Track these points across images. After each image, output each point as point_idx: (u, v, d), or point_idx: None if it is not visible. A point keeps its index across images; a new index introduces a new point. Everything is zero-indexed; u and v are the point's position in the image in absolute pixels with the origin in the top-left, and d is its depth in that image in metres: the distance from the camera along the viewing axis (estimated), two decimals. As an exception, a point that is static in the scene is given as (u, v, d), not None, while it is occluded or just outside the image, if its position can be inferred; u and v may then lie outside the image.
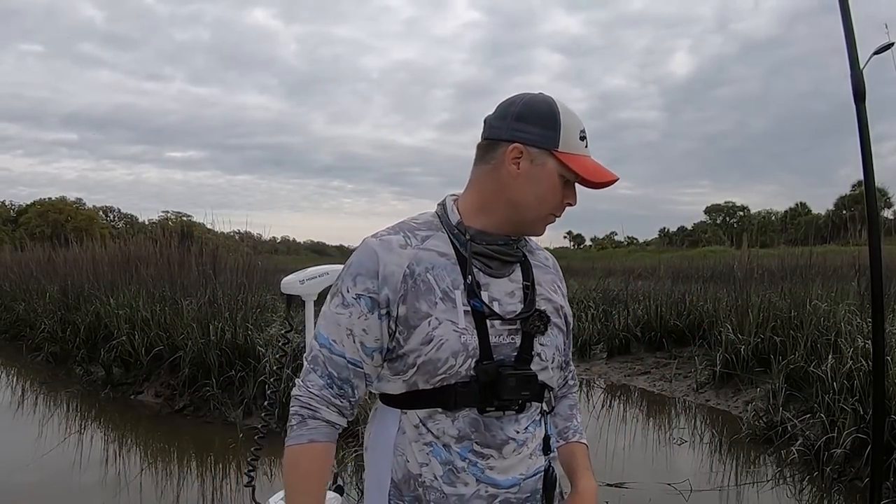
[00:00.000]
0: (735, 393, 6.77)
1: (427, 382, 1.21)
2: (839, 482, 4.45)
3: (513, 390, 1.22)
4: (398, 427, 1.27)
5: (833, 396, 4.93)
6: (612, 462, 5.09)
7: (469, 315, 1.21)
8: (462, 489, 1.22)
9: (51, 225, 38.76)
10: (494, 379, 1.21)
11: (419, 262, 1.23)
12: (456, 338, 1.20)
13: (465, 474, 1.23)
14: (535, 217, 1.27)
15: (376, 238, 1.26)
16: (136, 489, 4.54)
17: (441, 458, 1.23)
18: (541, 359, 1.28)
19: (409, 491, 1.25)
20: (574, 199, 1.28)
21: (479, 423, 1.23)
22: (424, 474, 1.23)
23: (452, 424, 1.23)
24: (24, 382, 8.34)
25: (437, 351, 1.19)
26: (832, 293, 6.89)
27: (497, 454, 1.24)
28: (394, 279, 1.21)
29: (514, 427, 1.26)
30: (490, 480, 1.24)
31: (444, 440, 1.23)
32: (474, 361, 1.21)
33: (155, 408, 6.61)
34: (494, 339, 1.23)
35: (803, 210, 47.08)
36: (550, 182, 1.24)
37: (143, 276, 8.61)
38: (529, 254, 1.36)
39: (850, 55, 1.93)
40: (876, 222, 2.00)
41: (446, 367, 1.20)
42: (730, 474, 4.96)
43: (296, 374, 1.32)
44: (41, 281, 10.88)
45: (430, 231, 1.29)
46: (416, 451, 1.24)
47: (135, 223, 31.35)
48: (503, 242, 1.28)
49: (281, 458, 1.28)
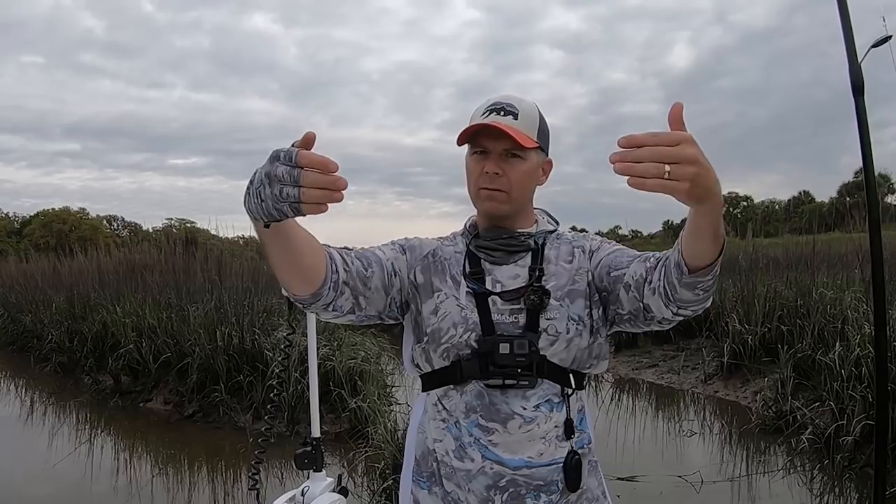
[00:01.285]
0: (743, 383, 6.75)
1: (437, 354, 1.34)
2: (850, 470, 4.44)
3: (506, 356, 1.29)
4: (424, 409, 1.42)
5: (842, 384, 4.92)
6: (623, 456, 5.08)
7: (470, 295, 1.35)
8: (469, 464, 1.30)
9: (55, 235, 38.82)
10: (492, 348, 1.30)
11: (441, 251, 1.44)
12: (458, 311, 1.34)
13: (471, 449, 1.30)
14: (472, 195, 1.41)
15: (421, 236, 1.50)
16: (148, 496, 4.55)
17: (453, 433, 1.33)
18: (548, 333, 1.31)
19: (427, 466, 1.38)
20: (490, 166, 1.35)
21: (484, 396, 1.31)
22: (438, 450, 1.35)
23: (461, 398, 1.33)
24: (32, 394, 8.35)
25: (442, 321, 1.34)
26: (838, 281, 6.87)
27: (502, 428, 1.29)
28: (419, 252, 1.43)
29: (521, 403, 1.30)
30: (495, 457, 1.28)
31: (456, 415, 1.33)
32: (475, 335, 1.32)
33: (164, 415, 6.62)
34: (496, 317, 1.33)
35: (807, 198, 46.91)
36: (467, 163, 1.41)
37: (149, 284, 8.62)
38: (553, 241, 1.44)
39: (848, 49, 1.93)
40: (876, 215, 1.99)
41: (448, 335, 1.33)
42: (740, 465, 4.95)
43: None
44: (47, 291, 10.90)
45: (456, 239, 1.49)
46: (433, 428, 1.37)
47: (139, 231, 31.38)
48: (507, 235, 1.41)
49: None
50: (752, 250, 8.52)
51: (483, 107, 1.37)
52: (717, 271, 1.10)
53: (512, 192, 1.36)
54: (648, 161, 0.88)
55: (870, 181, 1.93)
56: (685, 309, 1.18)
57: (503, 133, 1.32)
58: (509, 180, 1.35)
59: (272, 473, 4.68)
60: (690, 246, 1.07)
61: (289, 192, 0.93)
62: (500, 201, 1.37)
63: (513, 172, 1.35)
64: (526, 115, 1.36)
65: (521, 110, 1.36)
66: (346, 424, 5.58)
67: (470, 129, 1.35)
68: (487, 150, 1.36)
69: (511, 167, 1.35)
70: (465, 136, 1.36)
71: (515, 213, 1.41)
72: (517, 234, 1.41)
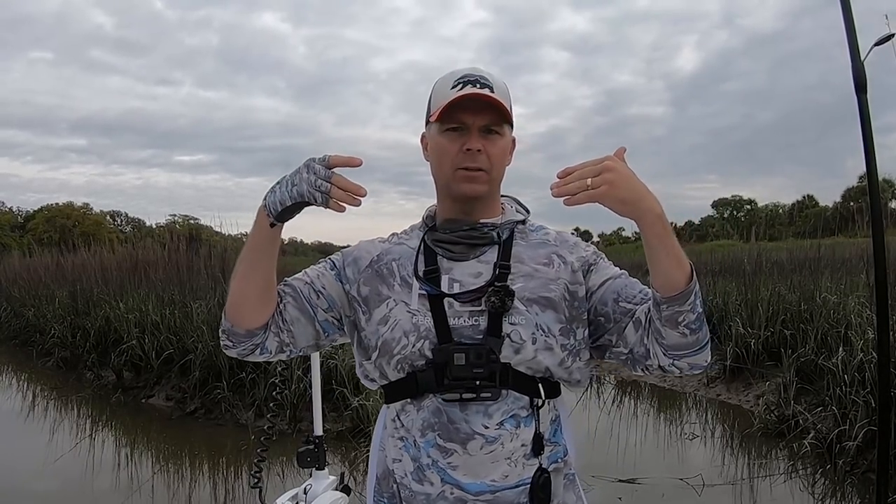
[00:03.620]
0: (746, 387, 6.74)
1: (391, 367, 1.22)
2: (852, 475, 4.43)
3: (463, 368, 1.15)
4: (384, 423, 1.29)
5: (844, 389, 4.90)
6: (625, 458, 5.07)
7: (424, 298, 1.22)
8: (428, 488, 1.18)
9: (58, 230, 38.86)
10: (448, 359, 1.17)
11: (388, 253, 1.31)
12: (408, 318, 1.21)
13: (430, 472, 1.18)
14: (445, 178, 1.27)
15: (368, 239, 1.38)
16: (149, 492, 4.56)
17: (411, 453, 1.21)
18: (512, 340, 1.18)
19: (388, 487, 1.25)
20: (472, 143, 1.22)
21: (442, 413, 1.18)
22: (397, 471, 1.23)
23: (418, 415, 1.20)
24: (35, 388, 8.37)
25: (392, 331, 1.21)
26: (841, 285, 6.86)
27: (461, 449, 1.16)
28: (360, 263, 1.31)
29: (483, 420, 1.17)
30: (454, 481, 1.16)
31: (413, 433, 1.20)
32: (430, 343, 1.19)
33: (166, 411, 6.63)
34: (454, 321, 1.20)
35: (811, 202, 46.79)
36: (436, 143, 1.27)
37: (152, 280, 8.64)
38: (523, 234, 1.32)
39: (851, 46, 1.92)
40: (879, 212, 1.98)
41: (400, 346, 1.20)
42: (742, 468, 4.94)
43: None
44: (50, 286, 10.93)
45: (413, 232, 1.36)
46: (391, 447, 1.25)
47: (142, 227, 31.45)
48: (468, 227, 1.27)
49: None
50: (755, 254, 8.51)
51: (450, 80, 1.24)
52: (696, 305, 1.11)
53: (492, 171, 1.24)
54: (576, 181, 1.04)
55: (873, 179, 1.93)
56: (679, 360, 1.16)
57: (485, 106, 1.21)
58: (489, 158, 1.23)
59: (274, 471, 4.67)
60: (655, 273, 1.10)
61: (321, 184, 1.10)
62: (481, 182, 1.24)
63: (493, 149, 1.23)
64: (500, 88, 1.23)
65: (495, 83, 1.23)
66: (349, 423, 5.57)
67: (455, 100, 1.20)
68: (466, 126, 1.22)
69: (491, 144, 1.23)
70: (446, 109, 1.21)
71: (489, 196, 1.28)
72: (479, 225, 1.27)
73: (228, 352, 1.28)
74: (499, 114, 1.22)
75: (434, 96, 1.26)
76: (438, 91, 1.25)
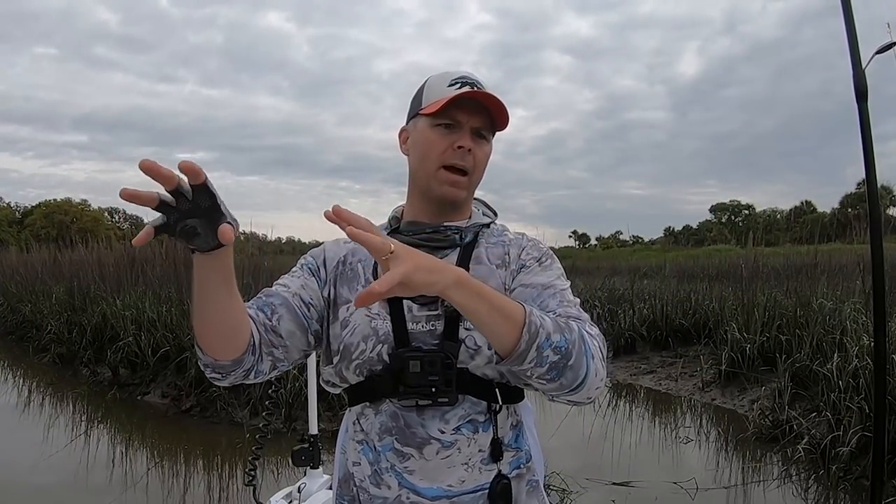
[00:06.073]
0: (741, 391, 6.76)
1: (350, 371, 1.20)
2: (845, 481, 4.43)
3: (417, 376, 1.13)
4: (346, 426, 1.28)
5: (839, 395, 4.92)
6: (619, 461, 5.09)
7: (384, 302, 1.18)
8: (385, 492, 1.16)
9: (56, 226, 38.84)
10: (403, 366, 1.15)
11: (355, 254, 1.28)
12: (367, 322, 1.19)
13: (387, 476, 1.17)
14: (426, 176, 1.24)
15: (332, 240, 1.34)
16: (143, 489, 4.56)
17: (369, 457, 1.19)
18: (467, 345, 1.15)
19: (348, 490, 1.23)
20: (465, 141, 1.21)
21: (399, 417, 1.17)
22: (356, 474, 1.21)
23: (376, 418, 1.19)
24: (30, 384, 8.37)
25: (351, 335, 1.20)
26: (837, 292, 6.88)
27: (418, 454, 1.15)
28: (330, 264, 1.28)
29: (439, 425, 1.15)
30: (410, 486, 1.15)
31: (372, 437, 1.19)
32: (388, 347, 1.17)
33: (162, 408, 6.63)
34: (412, 326, 1.18)
35: (808, 208, 46.92)
36: (423, 136, 1.24)
37: (150, 277, 8.64)
38: (487, 238, 1.29)
39: (852, 54, 1.92)
40: (878, 219, 1.99)
41: (358, 351, 1.18)
42: (736, 473, 4.95)
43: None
44: (47, 282, 10.93)
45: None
46: (352, 449, 1.24)
47: (140, 224, 31.39)
48: (431, 230, 1.25)
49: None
50: (752, 259, 8.53)
51: (446, 78, 1.24)
52: (543, 358, 1.02)
53: (473, 175, 1.24)
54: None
55: (872, 187, 1.93)
56: (557, 398, 1.11)
57: (481, 108, 1.20)
58: (474, 160, 1.22)
59: (268, 470, 4.69)
60: (483, 333, 1.05)
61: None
62: (462, 187, 1.23)
63: (479, 153, 1.23)
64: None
65: (487, 89, 1.23)
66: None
67: (457, 96, 1.19)
68: (458, 125, 1.21)
69: (479, 147, 1.23)
70: (447, 104, 1.19)
71: (465, 202, 1.28)
72: (442, 227, 1.25)
73: (220, 383, 1.18)
74: (490, 120, 1.23)
75: (427, 92, 1.25)
76: (433, 87, 1.24)
